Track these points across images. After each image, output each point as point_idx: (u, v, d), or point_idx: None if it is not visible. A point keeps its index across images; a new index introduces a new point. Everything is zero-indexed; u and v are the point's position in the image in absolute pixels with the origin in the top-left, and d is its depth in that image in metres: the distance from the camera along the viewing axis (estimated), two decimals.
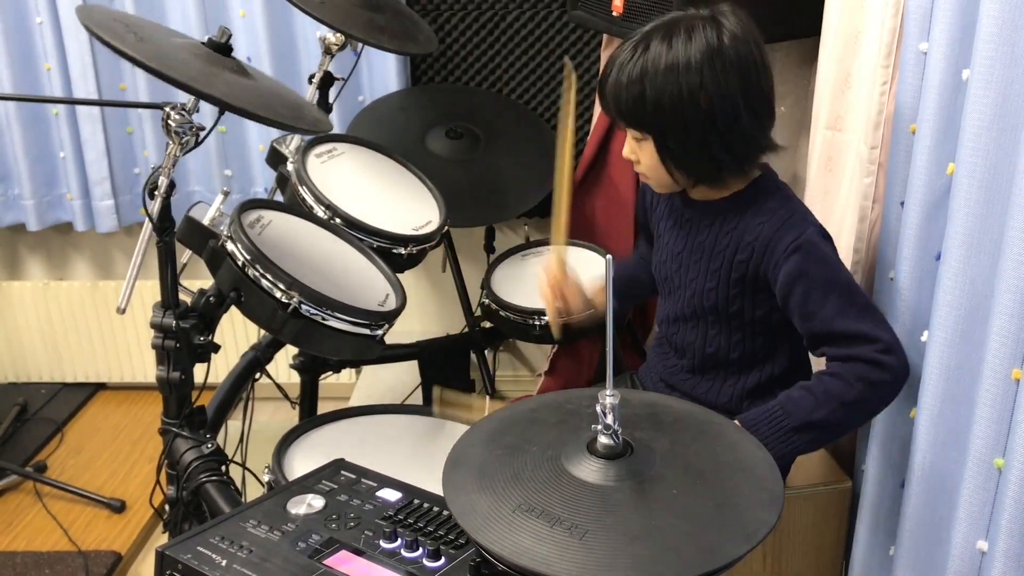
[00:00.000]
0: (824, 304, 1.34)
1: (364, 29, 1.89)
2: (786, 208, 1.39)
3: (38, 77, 2.54)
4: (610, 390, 0.97)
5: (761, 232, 1.38)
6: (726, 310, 1.44)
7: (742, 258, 1.40)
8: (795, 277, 1.35)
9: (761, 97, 1.37)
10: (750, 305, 1.43)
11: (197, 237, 1.49)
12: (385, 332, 1.54)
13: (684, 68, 1.32)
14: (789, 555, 1.67)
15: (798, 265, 1.35)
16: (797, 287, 1.35)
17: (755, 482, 0.98)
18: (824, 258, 1.36)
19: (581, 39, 2.42)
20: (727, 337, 1.47)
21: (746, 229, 1.40)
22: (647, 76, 1.34)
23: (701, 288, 1.46)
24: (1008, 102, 1.16)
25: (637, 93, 1.35)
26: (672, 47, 1.33)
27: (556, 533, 0.90)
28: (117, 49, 1.26)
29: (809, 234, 1.36)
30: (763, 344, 1.46)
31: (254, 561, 1.05)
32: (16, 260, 2.86)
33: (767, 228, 1.38)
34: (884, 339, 1.33)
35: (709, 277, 1.45)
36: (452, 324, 2.61)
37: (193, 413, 1.54)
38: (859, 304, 1.35)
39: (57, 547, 2.22)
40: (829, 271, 1.36)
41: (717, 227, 1.44)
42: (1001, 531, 1.18)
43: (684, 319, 1.52)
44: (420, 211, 1.90)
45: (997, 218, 1.20)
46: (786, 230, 1.36)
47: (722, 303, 1.44)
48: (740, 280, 1.41)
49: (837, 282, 1.35)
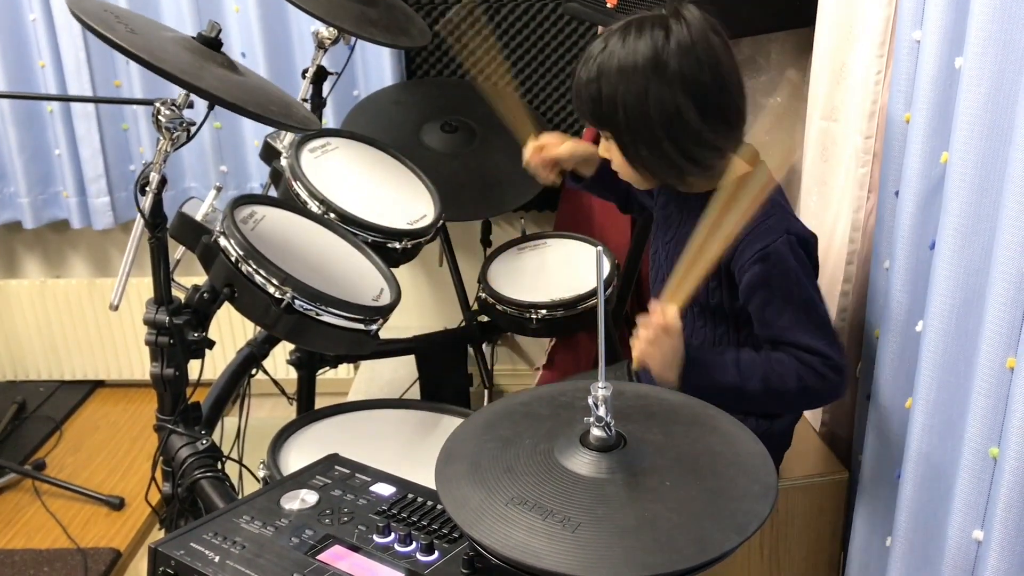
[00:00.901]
0: (781, 316, 1.35)
1: (357, 23, 1.88)
2: (763, 211, 1.36)
3: (32, 74, 2.53)
4: (603, 382, 0.96)
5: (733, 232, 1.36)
6: (707, 302, 1.45)
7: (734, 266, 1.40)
8: (756, 286, 1.35)
9: (718, 100, 1.34)
10: (728, 297, 1.43)
11: (190, 233, 1.48)
12: (380, 327, 1.54)
13: (631, 71, 1.31)
14: (786, 546, 1.67)
15: (761, 275, 1.35)
16: (757, 295, 1.36)
17: (749, 474, 0.98)
18: (787, 271, 1.35)
19: (576, 31, 2.42)
20: (712, 328, 1.47)
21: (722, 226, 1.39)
22: (602, 76, 1.34)
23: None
24: (1001, 90, 1.16)
25: (594, 92, 1.35)
26: (624, 48, 1.33)
27: (549, 526, 0.90)
28: (108, 39, 1.25)
29: (778, 245, 1.34)
30: (749, 335, 1.46)
31: (247, 557, 1.05)
32: (13, 258, 2.86)
33: (741, 228, 1.35)
34: (834, 359, 1.34)
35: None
36: (449, 318, 2.61)
37: (188, 409, 1.53)
38: (816, 321, 1.35)
39: (56, 545, 2.22)
40: (790, 285, 1.35)
41: (697, 220, 1.43)
42: (996, 520, 1.17)
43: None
44: (415, 205, 1.90)
45: (991, 207, 1.19)
46: (755, 237, 1.35)
47: (702, 296, 1.44)
48: (716, 274, 1.41)
49: (797, 297, 1.35)
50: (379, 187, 1.91)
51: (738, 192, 1.29)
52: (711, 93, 1.33)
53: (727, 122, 1.37)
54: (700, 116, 1.32)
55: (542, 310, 1.93)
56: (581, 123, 2.45)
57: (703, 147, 1.36)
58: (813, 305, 1.36)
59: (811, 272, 1.39)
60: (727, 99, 1.36)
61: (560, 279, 2.02)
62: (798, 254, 1.36)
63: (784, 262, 1.35)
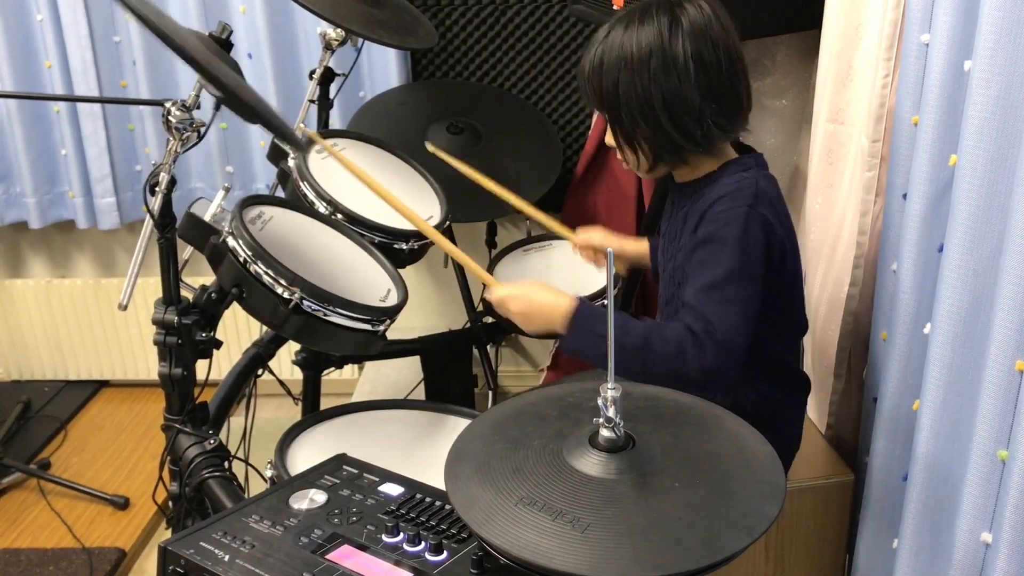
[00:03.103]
0: (698, 274, 1.33)
1: (364, 24, 1.89)
2: (736, 185, 1.37)
3: (39, 75, 2.54)
4: (611, 383, 0.97)
5: (707, 203, 1.37)
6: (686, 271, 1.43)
7: (692, 228, 1.40)
8: (704, 240, 1.34)
9: (729, 81, 1.35)
10: None
11: (198, 233, 1.48)
12: (387, 328, 1.54)
13: (635, 59, 1.33)
14: (792, 548, 1.67)
15: (709, 230, 1.34)
16: (698, 251, 1.35)
17: (757, 475, 0.98)
18: (727, 237, 1.32)
19: (582, 33, 2.42)
20: None
21: (704, 205, 1.39)
22: (604, 62, 1.36)
23: (677, 267, 1.47)
24: (1010, 93, 1.16)
25: (596, 78, 1.37)
26: (628, 34, 1.34)
27: (558, 526, 0.90)
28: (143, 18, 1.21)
29: (736, 208, 1.33)
30: None
31: (257, 556, 1.05)
32: (18, 258, 2.86)
33: (711, 198, 1.37)
34: (723, 335, 1.29)
35: (676, 256, 1.46)
36: (454, 319, 2.61)
37: (195, 409, 1.54)
38: (726, 293, 1.31)
39: (61, 544, 2.22)
40: (723, 250, 1.32)
41: (688, 207, 1.44)
42: (1005, 523, 1.17)
43: (671, 303, 1.52)
44: (421, 206, 1.90)
45: (1000, 209, 1.19)
46: (722, 202, 1.35)
47: (682, 265, 1.43)
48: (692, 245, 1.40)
49: (721, 263, 1.32)
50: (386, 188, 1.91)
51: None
52: (721, 73, 1.34)
53: (736, 102, 1.37)
54: (707, 96, 1.33)
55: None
56: (588, 122, 2.46)
57: (705, 129, 1.36)
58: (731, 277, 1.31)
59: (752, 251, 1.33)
60: (736, 80, 1.36)
61: (565, 280, 2.02)
62: (751, 227, 1.33)
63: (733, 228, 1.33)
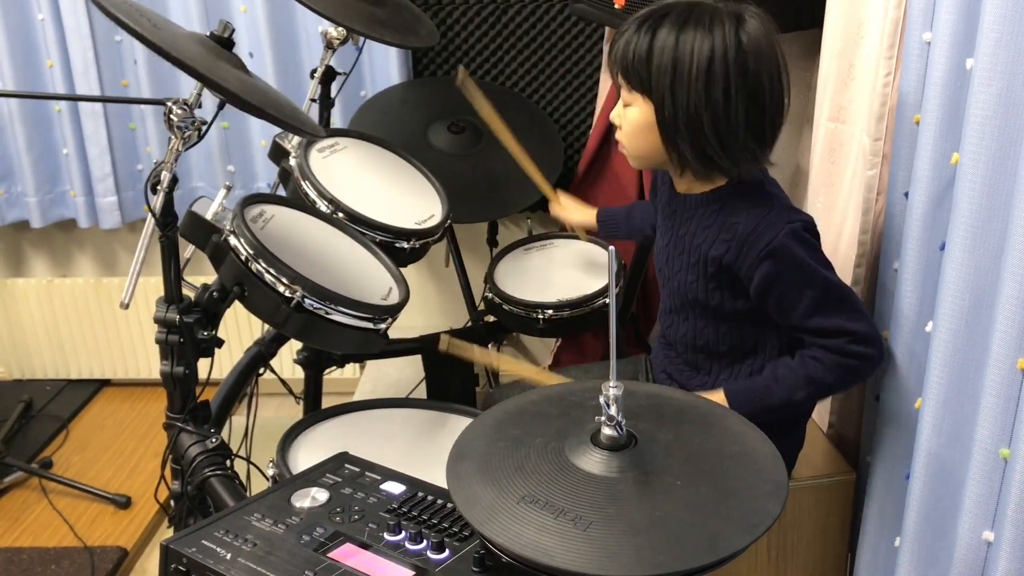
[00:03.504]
0: (798, 304, 1.36)
1: (365, 23, 1.89)
2: (762, 207, 1.37)
3: (40, 74, 2.54)
4: (613, 381, 0.97)
5: (736, 232, 1.37)
6: (707, 303, 1.45)
7: (716, 254, 1.40)
8: (769, 282, 1.36)
9: (773, 108, 1.36)
10: (729, 298, 1.43)
11: (200, 232, 1.48)
12: (388, 326, 1.54)
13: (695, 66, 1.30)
14: (794, 547, 1.67)
15: (771, 270, 1.35)
16: (772, 291, 1.37)
17: (759, 473, 0.98)
18: (797, 262, 1.35)
19: (583, 32, 2.42)
20: (714, 329, 1.47)
21: (722, 227, 1.39)
22: (663, 45, 1.32)
23: (684, 281, 1.47)
24: (1012, 91, 1.16)
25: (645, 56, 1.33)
26: (689, 31, 1.31)
27: (560, 524, 0.90)
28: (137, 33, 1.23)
29: (782, 238, 1.34)
30: (752, 333, 1.46)
31: (259, 554, 1.05)
32: (20, 257, 2.87)
33: (742, 228, 1.37)
34: (859, 331, 1.37)
35: (690, 270, 1.45)
36: (455, 318, 2.61)
37: (197, 408, 1.54)
38: (833, 300, 1.37)
39: (63, 543, 2.23)
40: (802, 274, 1.36)
41: (697, 221, 1.44)
42: (1007, 522, 1.17)
43: (674, 311, 1.54)
44: (423, 205, 1.90)
45: (1002, 208, 1.19)
46: (760, 233, 1.35)
47: (702, 296, 1.45)
48: (716, 275, 1.42)
49: (811, 282, 1.36)
50: (387, 187, 1.91)
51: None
52: (770, 98, 1.34)
53: (774, 130, 1.38)
54: (753, 119, 1.34)
55: (548, 310, 1.93)
56: (589, 121, 2.45)
57: (742, 147, 1.35)
58: (828, 285, 1.37)
59: (818, 253, 1.39)
60: (776, 109, 1.37)
61: (566, 279, 2.02)
62: (803, 240, 1.37)
63: (791, 254, 1.35)
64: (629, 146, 1.44)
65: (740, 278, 1.39)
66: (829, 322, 1.36)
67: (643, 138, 1.40)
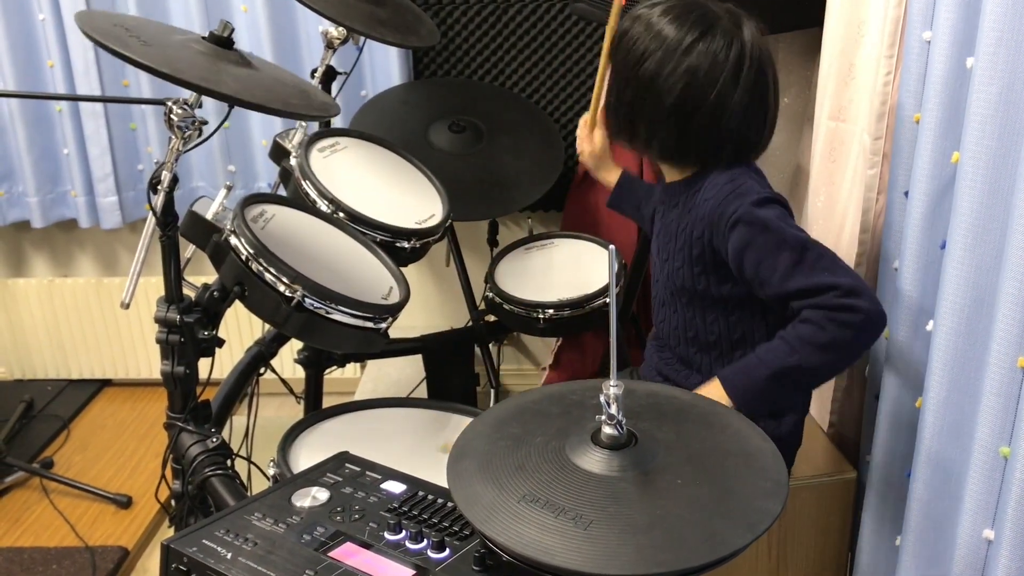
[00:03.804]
0: (775, 268, 1.34)
1: (366, 23, 1.89)
2: (734, 183, 1.39)
3: (41, 74, 2.54)
4: (614, 380, 0.97)
5: (709, 207, 1.39)
6: (694, 289, 1.46)
7: (697, 234, 1.42)
8: (742, 249, 1.36)
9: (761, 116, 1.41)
10: (715, 281, 1.44)
11: (200, 232, 1.49)
12: (389, 325, 1.54)
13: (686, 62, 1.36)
14: (794, 545, 1.67)
15: (741, 237, 1.36)
16: (746, 258, 1.36)
17: (759, 472, 0.98)
18: (765, 224, 1.35)
19: (583, 31, 2.42)
20: (702, 318, 1.48)
21: (698, 205, 1.42)
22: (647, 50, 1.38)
23: (671, 269, 1.49)
24: (1012, 90, 1.16)
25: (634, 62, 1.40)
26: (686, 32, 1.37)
27: (561, 523, 0.90)
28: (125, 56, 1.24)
29: (747, 206, 1.35)
30: (739, 321, 1.46)
31: (259, 554, 1.05)
32: (21, 257, 2.87)
33: (711, 203, 1.39)
34: (843, 283, 1.31)
35: (675, 257, 1.47)
36: (456, 318, 2.61)
37: (198, 408, 1.54)
38: (812, 257, 1.33)
39: (64, 543, 2.23)
40: (773, 236, 1.34)
41: (679, 207, 1.47)
42: (1007, 520, 1.17)
43: (664, 304, 1.55)
44: (423, 205, 1.90)
45: (1002, 206, 1.19)
46: (727, 203, 1.37)
47: (688, 283, 1.46)
48: (700, 257, 1.43)
49: (783, 243, 1.34)
50: (388, 186, 1.91)
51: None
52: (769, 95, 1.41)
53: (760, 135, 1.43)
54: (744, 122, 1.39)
55: (549, 310, 1.93)
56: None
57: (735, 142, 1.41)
58: (804, 244, 1.34)
59: (789, 220, 1.38)
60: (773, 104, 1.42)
61: (567, 279, 2.02)
62: (770, 206, 1.37)
63: (757, 217, 1.35)
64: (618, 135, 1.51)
65: (720, 256, 1.40)
66: (811, 280, 1.31)
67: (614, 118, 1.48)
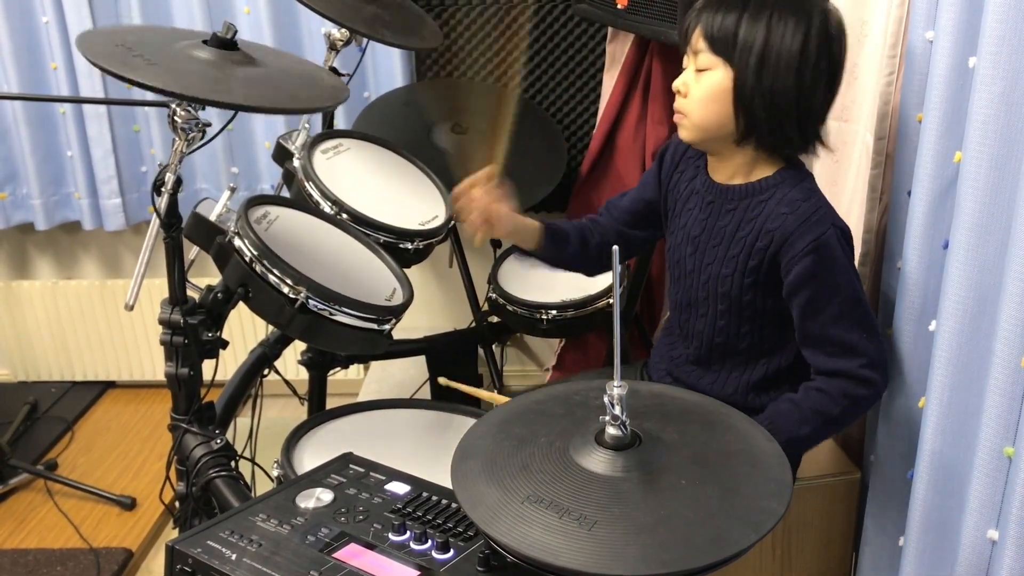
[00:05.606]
0: (825, 308, 1.36)
1: (369, 24, 1.89)
2: (811, 202, 1.37)
3: (45, 76, 2.55)
4: (618, 381, 0.97)
5: (784, 223, 1.36)
6: (739, 298, 1.43)
7: (761, 245, 1.39)
8: (806, 278, 1.35)
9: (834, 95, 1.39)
10: (762, 295, 1.42)
11: (204, 233, 1.49)
12: (392, 327, 1.54)
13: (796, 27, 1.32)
14: (798, 546, 1.67)
15: (811, 267, 1.35)
16: (806, 288, 1.36)
17: (763, 472, 0.98)
18: (838, 264, 1.35)
19: (586, 32, 2.42)
20: (736, 327, 1.46)
21: (768, 217, 1.38)
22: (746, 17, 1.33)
23: (716, 274, 1.45)
24: (1015, 90, 1.16)
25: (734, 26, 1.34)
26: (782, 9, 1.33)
27: (565, 524, 0.90)
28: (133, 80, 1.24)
29: (828, 236, 1.35)
30: (771, 335, 1.45)
31: (264, 555, 1.05)
32: (25, 259, 2.87)
33: (790, 220, 1.36)
34: (870, 354, 1.36)
35: (726, 263, 1.43)
36: (459, 319, 2.61)
37: (202, 409, 1.54)
38: (858, 314, 1.36)
39: (69, 544, 2.23)
40: (837, 278, 1.36)
41: (740, 213, 1.42)
42: (1011, 520, 1.17)
43: (695, 305, 1.50)
44: (426, 206, 1.90)
45: (1005, 206, 1.19)
46: (807, 228, 1.35)
47: (735, 291, 1.43)
48: (756, 268, 1.40)
49: (843, 289, 1.36)
50: (391, 188, 1.92)
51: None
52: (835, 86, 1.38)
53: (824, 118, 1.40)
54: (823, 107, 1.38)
55: (552, 310, 1.94)
56: (592, 122, 2.45)
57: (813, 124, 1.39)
58: (858, 298, 1.37)
59: (853, 264, 1.40)
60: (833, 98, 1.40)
61: (570, 280, 2.01)
62: (844, 247, 1.37)
63: (834, 253, 1.35)
64: (694, 114, 1.40)
65: (779, 271, 1.39)
66: (849, 336, 1.35)
67: (713, 107, 1.38)
